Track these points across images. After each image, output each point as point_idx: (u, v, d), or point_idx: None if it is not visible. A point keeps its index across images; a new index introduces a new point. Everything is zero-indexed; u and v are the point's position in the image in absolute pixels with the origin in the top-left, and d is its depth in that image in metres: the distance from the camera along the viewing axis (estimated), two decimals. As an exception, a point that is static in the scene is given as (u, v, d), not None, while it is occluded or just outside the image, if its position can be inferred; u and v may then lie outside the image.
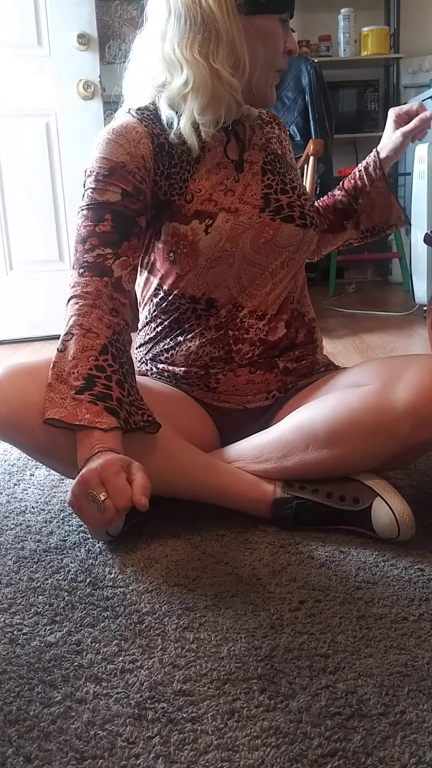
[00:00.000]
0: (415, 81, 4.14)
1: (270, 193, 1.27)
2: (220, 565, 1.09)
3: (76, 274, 1.16)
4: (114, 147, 1.18)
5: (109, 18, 3.95)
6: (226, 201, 1.23)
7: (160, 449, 1.13)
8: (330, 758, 0.71)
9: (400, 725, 0.75)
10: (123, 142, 1.18)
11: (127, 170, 1.17)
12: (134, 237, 1.19)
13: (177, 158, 1.22)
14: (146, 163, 1.18)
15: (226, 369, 1.27)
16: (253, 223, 1.23)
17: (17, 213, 3.05)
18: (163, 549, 1.15)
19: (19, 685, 0.83)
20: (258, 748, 0.73)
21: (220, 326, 1.27)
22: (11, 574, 1.09)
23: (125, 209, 1.17)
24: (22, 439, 1.10)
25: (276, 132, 1.39)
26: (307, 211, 1.30)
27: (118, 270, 1.16)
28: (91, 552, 1.15)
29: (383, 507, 1.11)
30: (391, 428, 1.07)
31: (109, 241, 1.16)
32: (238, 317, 1.26)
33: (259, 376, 1.27)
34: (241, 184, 1.26)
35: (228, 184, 1.25)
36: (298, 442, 1.14)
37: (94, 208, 1.17)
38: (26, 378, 1.09)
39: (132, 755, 0.72)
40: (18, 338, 3.14)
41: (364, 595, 1.00)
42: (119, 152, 1.17)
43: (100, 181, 1.17)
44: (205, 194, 1.23)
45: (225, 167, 1.26)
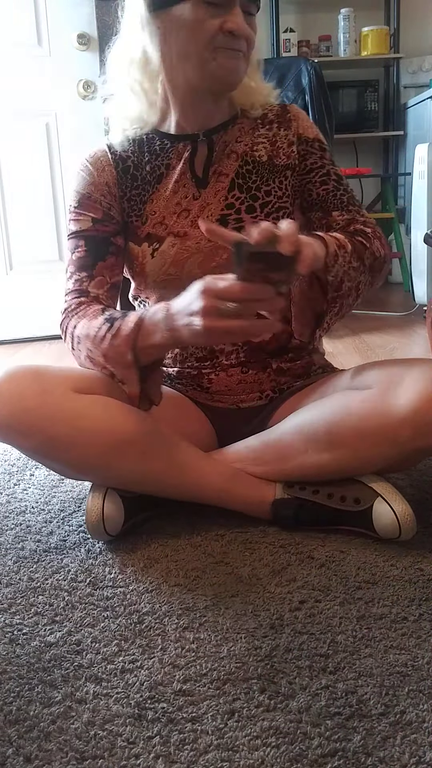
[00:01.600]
0: (415, 81, 4.14)
1: (229, 214, 1.23)
2: (220, 565, 1.09)
3: (63, 301, 1.24)
4: (80, 179, 1.26)
5: (109, 18, 3.95)
6: (177, 224, 1.23)
7: (160, 449, 1.13)
8: (330, 758, 0.71)
9: (400, 725, 0.75)
10: (86, 174, 1.26)
11: (93, 199, 1.24)
12: (110, 256, 1.24)
13: (141, 179, 1.25)
14: (111, 189, 1.25)
15: (217, 369, 1.26)
16: (202, 248, 1.22)
17: (17, 213, 3.05)
18: (163, 549, 1.15)
19: (19, 685, 0.83)
20: (258, 748, 0.73)
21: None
22: (11, 574, 1.09)
23: (97, 233, 1.24)
24: (21, 442, 1.10)
25: (272, 133, 1.28)
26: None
27: (94, 290, 1.23)
28: (91, 552, 1.15)
29: (384, 507, 1.11)
30: (392, 434, 1.06)
31: (84, 266, 1.23)
32: None
33: (251, 375, 1.26)
34: (199, 203, 1.23)
35: (185, 204, 1.24)
36: (298, 445, 1.14)
37: (71, 238, 1.25)
38: (27, 381, 1.09)
39: (132, 755, 0.72)
40: (18, 338, 3.14)
41: (364, 595, 1.00)
42: (84, 184, 1.25)
43: (72, 213, 1.26)
44: (158, 216, 1.24)
45: (184, 185, 1.24)
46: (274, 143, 1.27)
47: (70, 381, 1.10)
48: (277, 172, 1.26)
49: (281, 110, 1.30)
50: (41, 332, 3.11)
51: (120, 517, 1.15)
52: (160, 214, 1.24)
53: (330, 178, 1.26)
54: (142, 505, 1.20)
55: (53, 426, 1.07)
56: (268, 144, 1.27)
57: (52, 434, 1.07)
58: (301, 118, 1.29)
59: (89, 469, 1.14)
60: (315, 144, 1.28)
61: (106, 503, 1.14)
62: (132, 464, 1.12)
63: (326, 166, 1.27)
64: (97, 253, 1.23)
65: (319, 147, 1.28)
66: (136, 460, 1.12)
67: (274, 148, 1.27)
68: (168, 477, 1.15)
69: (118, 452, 1.10)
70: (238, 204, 1.23)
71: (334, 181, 1.26)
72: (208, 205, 1.23)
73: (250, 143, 1.27)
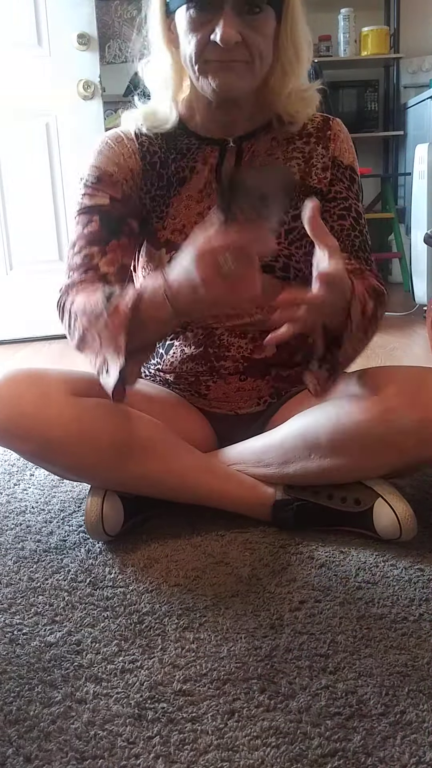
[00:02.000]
0: (415, 81, 4.14)
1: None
2: (220, 565, 1.09)
3: (66, 277, 1.16)
4: (103, 157, 1.19)
5: (109, 18, 3.95)
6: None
7: (159, 451, 1.13)
8: (330, 758, 0.71)
9: (400, 725, 0.75)
10: (112, 155, 1.18)
11: (115, 179, 1.17)
12: (124, 237, 1.17)
13: (166, 179, 1.19)
14: (134, 177, 1.18)
15: (215, 376, 1.25)
16: None
17: (17, 213, 3.05)
18: (163, 549, 1.15)
19: (19, 685, 0.83)
20: (258, 748, 0.73)
21: (199, 343, 1.23)
22: (11, 574, 1.09)
23: (113, 210, 1.16)
24: (19, 445, 1.11)
25: (308, 148, 1.19)
26: (294, 263, 1.17)
27: (104, 267, 1.14)
28: (91, 552, 1.15)
29: (385, 508, 1.11)
30: (395, 442, 1.05)
31: (96, 240, 1.15)
32: (215, 334, 1.22)
33: (249, 383, 1.24)
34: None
35: (208, 216, 1.14)
36: (300, 450, 1.12)
37: (84, 212, 1.17)
38: (25, 385, 1.09)
39: (132, 755, 0.72)
40: (18, 338, 3.14)
41: (364, 596, 1.00)
42: (108, 162, 1.18)
43: (89, 187, 1.17)
44: (179, 223, 1.18)
45: (209, 195, 1.18)
46: (309, 161, 1.19)
47: (68, 384, 1.10)
48: (307, 194, 1.17)
49: (323, 123, 1.21)
50: (41, 332, 3.11)
51: (119, 517, 1.15)
52: (181, 221, 1.18)
53: (350, 214, 1.19)
54: (141, 506, 1.19)
55: (51, 430, 1.07)
56: (303, 161, 1.19)
57: (50, 438, 1.07)
58: (341, 138, 1.21)
59: (88, 473, 1.14)
60: (347, 172, 1.20)
61: (106, 504, 1.13)
62: (130, 468, 1.12)
63: (350, 200, 1.20)
64: (112, 229, 1.15)
65: (350, 176, 1.21)
66: (134, 464, 1.12)
67: (308, 167, 1.19)
68: (167, 479, 1.15)
69: (116, 456, 1.10)
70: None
71: (353, 218, 1.19)
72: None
73: (283, 158, 1.19)
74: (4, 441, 1.11)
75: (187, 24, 1.06)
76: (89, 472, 1.14)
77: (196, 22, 1.05)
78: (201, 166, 1.19)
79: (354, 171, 1.21)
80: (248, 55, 1.05)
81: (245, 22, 1.04)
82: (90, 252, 1.14)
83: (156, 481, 1.14)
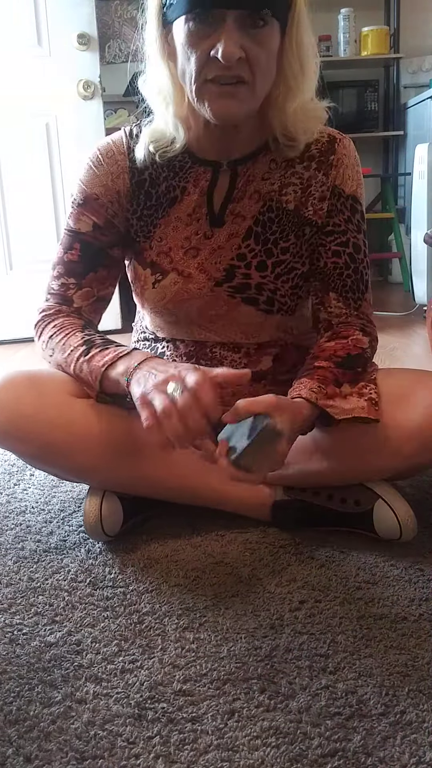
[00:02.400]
0: (415, 81, 4.14)
1: (238, 266, 1.12)
2: (220, 565, 1.09)
3: (44, 298, 1.19)
4: (92, 176, 1.15)
5: (109, 18, 3.95)
6: (182, 262, 1.14)
7: (158, 453, 1.12)
8: (330, 758, 0.71)
9: (400, 725, 0.75)
10: (101, 173, 1.14)
11: (100, 203, 1.14)
12: (102, 269, 1.17)
13: (155, 198, 1.14)
14: (120, 198, 1.14)
15: None
16: (203, 295, 1.14)
17: (17, 213, 3.05)
18: (163, 549, 1.15)
19: (19, 685, 0.83)
20: (258, 748, 0.73)
21: (190, 354, 1.21)
22: (11, 574, 1.09)
23: (95, 240, 1.16)
24: (19, 447, 1.11)
25: (308, 174, 1.11)
26: (279, 297, 1.13)
27: (79, 301, 1.17)
28: (91, 552, 1.15)
29: (385, 509, 1.11)
30: (396, 447, 1.05)
31: (74, 271, 1.16)
32: (206, 347, 1.21)
33: (245, 387, 1.21)
34: (211, 245, 1.12)
35: (195, 241, 1.13)
36: (301, 452, 1.12)
37: (68, 234, 1.17)
38: (24, 387, 1.09)
39: (132, 755, 0.72)
40: (18, 338, 3.13)
41: (364, 595, 1.00)
42: (94, 183, 1.15)
43: (75, 209, 1.16)
44: (165, 246, 1.14)
45: (198, 219, 1.13)
46: (307, 189, 1.12)
47: (67, 386, 1.10)
48: (300, 224, 1.12)
49: (328, 145, 1.11)
50: (41, 332, 3.11)
51: (118, 517, 1.15)
52: (167, 244, 1.14)
53: (345, 251, 1.12)
54: (140, 506, 1.19)
55: (50, 432, 1.07)
56: (300, 189, 1.12)
57: (49, 440, 1.07)
58: (345, 164, 1.12)
59: (87, 474, 1.14)
60: (348, 202, 1.12)
61: (104, 504, 1.13)
62: (129, 469, 1.12)
63: (348, 233, 1.12)
64: (90, 263, 1.16)
65: (351, 206, 1.12)
66: (133, 465, 1.12)
67: (305, 195, 1.12)
68: (166, 480, 1.14)
69: (116, 458, 1.10)
70: (250, 257, 1.12)
71: (348, 255, 1.12)
72: (219, 249, 1.13)
73: (279, 184, 1.11)
74: (3, 443, 1.11)
75: (186, 37, 0.97)
76: (89, 473, 1.14)
77: (195, 36, 0.96)
78: (192, 188, 1.12)
79: (356, 200, 1.13)
80: (249, 72, 0.97)
81: (248, 36, 0.95)
82: (67, 282, 1.17)
83: (156, 483, 1.14)
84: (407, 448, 1.05)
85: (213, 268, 1.13)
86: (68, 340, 1.11)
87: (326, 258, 1.13)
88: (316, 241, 1.14)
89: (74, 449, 1.08)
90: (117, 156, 1.15)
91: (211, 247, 1.13)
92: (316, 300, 1.17)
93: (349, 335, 1.12)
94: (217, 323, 1.18)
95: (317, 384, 1.03)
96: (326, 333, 1.15)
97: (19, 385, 1.09)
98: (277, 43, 0.99)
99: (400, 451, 1.06)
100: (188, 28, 0.96)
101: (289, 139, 1.09)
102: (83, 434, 1.07)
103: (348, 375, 1.07)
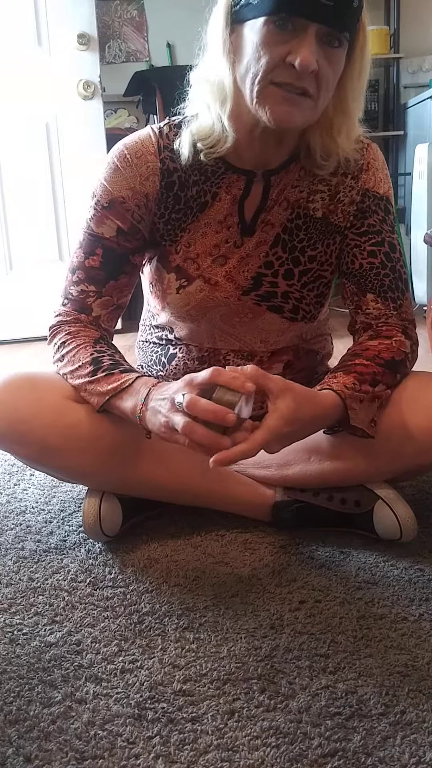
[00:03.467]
0: (415, 81, 4.14)
1: (266, 275, 1.13)
2: (220, 565, 1.09)
3: (60, 302, 1.16)
4: (118, 177, 1.11)
5: (109, 18, 3.95)
6: (210, 269, 1.13)
7: (158, 454, 1.13)
8: (330, 758, 0.71)
9: (400, 725, 0.75)
10: (129, 175, 1.10)
11: (126, 207, 1.11)
12: (123, 276, 1.14)
13: (184, 203, 1.11)
14: (148, 202, 1.11)
15: None
16: (230, 303, 1.14)
17: (17, 213, 3.05)
18: (163, 549, 1.15)
19: (19, 685, 0.83)
20: (258, 748, 0.73)
21: (203, 360, 1.21)
22: (11, 574, 1.09)
23: (118, 246, 1.12)
24: (17, 449, 1.11)
25: (336, 180, 1.11)
26: (304, 306, 1.15)
27: (98, 309, 1.14)
28: (91, 552, 1.15)
29: (385, 510, 1.11)
30: (397, 448, 1.05)
31: (94, 278, 1.13)
32: (220, 354, 1.21)
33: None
34: (240, 254, 1.12)
35: (224, 249, 1.12)
36: (301, 452, 1.12)
37: (89, 238, 1.13)
38: (22, 390, 1.09)
39: (132, 755, 0.72)
40: (18, 338, 3.13)
41: (364, 596, 1.00)
42: (122, 186, 1.10)
43: (99, 212, 1.12)
44: (193, 252, 1.13)
45: (229, 227, 1.12)
46: (335, 195, 1.12)
47: (66, 389, 1.09)
48: (329, 232, 1.13)
49: (361, 162, 1.12)
50: (41, 332, 3.09)
51: (117, 518, 1.15)
52: (195, 250, 1.13)
53: (381, 250, 1.12)
54: (140, 506, 1.19)
55: (48, 436, 1.07)
56: (328, 195, 1.12)
57: (47, 443, 1.07)
58: (376, 167, 1.12)
59: (85, 476, 1.14)
60: (382, 203, 1.12)
61: (103, 505, 1.13)
62: (129, 471, 1.12)
63: (383, 233, 1.12)
64: (112, 271, 1.13)
65: (385, 208, 1.12)
66: (133, 467, 1.12)
67: (333, 202, 1.12)
68: (166, 482, 1.14)
69: (115, 460, 1.10)
70: (277, 265, 1.13)
71: (384, 255, 1.12)
72: (248, 257, 1.12)
73: (307, 191, 1.11)
74: (2, 445, 1.11)
75: (262, 38, 0.95)
76: (87, 476, 1.13)
77: (273, 39, 0.95)
78: (224, 195, 1.11)
79: (389, 202, 1.13)
80: (316, 87, 0.96)
81: (323, 52, 0.95)
82: (87, 289, 1.13)
83: (155, 484, 1.14)
84: (408, 450, 1.05)
85: (240, 276, 1.13)
86: (78, 353, 1.09)
87: (361, 259, 1.12)
88: (350, 243, 1.13)
89: (72, 452, 1.08)
90: (147, 156, 1.10)
91: (240, 256, 1.13)
92: (352, 305, 1.15)
93: (391, 336, 1.10)
94: (239, 329, 1.18)
95: (353, 380, 1.01)
96: (366, 332, 1.13)
97: (17, 387, 1.09)
98: (342, 65, 1.00)
99: (401, 453, 1.06)
100: (267, 29, 0.95)
101: (325, 157, 1.08)
102: (81, 437, 1.07)
103: (387, 377, 1.05)
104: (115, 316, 1.18)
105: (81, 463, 1.09)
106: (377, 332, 1.11)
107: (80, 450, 1.08)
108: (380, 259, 1.12)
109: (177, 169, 1.10)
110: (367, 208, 1.12)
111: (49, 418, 1.07)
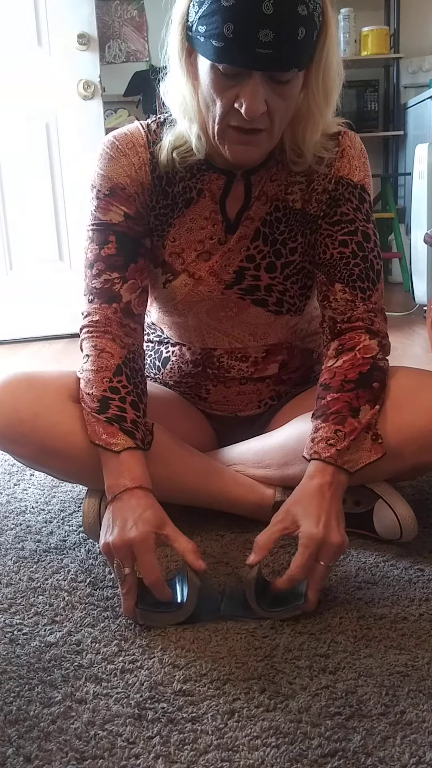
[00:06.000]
0: (415, 81, 4.14)
1: (248, 268, 1.13)
2: (220, 565, 1.09)
3: (86, 301, 1.12)
4: (114, 166, 1.11)
5: (109, 18, 3.95)
6: (194, 264, 1.14)
7: (157, 454, 1.12)
8: (330, 758, 0.71)
9: (400, 725, 0.75)
10: (124, 164, 1.11)
11: (128, 193, 1.11)
12: (140, 258, 1.12)
13: (171, 198, 1.12)
14: (144, 192, 1.12)
15: (215, 380, 1.25)
16: (213, 297, 1.15)
17: (17, 213, 3.05)
18: (163, 549, 1.14)
19: (19, 685, 0.83)
20: (258, 748, 0.73)
21: (197, 362, 1.22)
22: (11, 574, 1.09)
23: (129, 230, 1.11)
24: (17, 449, 1.10)
25: (311, 170, 1.10)
26: (288, 298, 1.15)
27: (127, 294, 1.11)
28: (91, 552, 1.15)
29: (385, 510, 1.10)
30: (397, 449, 1.05)
31: (115, 265, 1.10)
32: (214, 356, 1.21)
33: (250, 386, 1.24)
34: (223, 249, 1.13)
35: (208, 245, 1.13)
36: (301, 452, 1.12)
37: (98, 229, 1.11)
38: (22, 391, 1.09)
39: (132, 755, 0.72)
40: (18, 338, 3.13)
41: (364, 596, 1.00)
42: (119, 173, 1.11)
43: (102, 200, 1.11)
44: (178, 246, 1.14)
45: (213, 224, 1.13)
46: (310, 184, 1.11)
47: (66, 389, 1.09)
48: (308, 223, 1.12)
49: (332, 140, 1.10)
50: (41, 332, 3.11)
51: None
52: (180, 245, 1.14)
53: (353, 239, 1.10)
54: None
55: (47, 438, 1.07)
56: (305, 184, 1.11)
57: (46, 444, 1.07)
58: (351, 154, 1.11)
59: (84, 477, 1.14)
60: (356, 191, 1.10)
61: (103, 505, 1.13)
62: None
63: (357, 222, 1.10)
64: (130, 254, 1.11)
65: (359, 196, 1.11)
66: None
67: (308, 191, 1.11)
68: (166, 483, 1.14)
69: None
70: (259, 258, 1.13)
71: (356, 244, 1.10)
72: (229, 251, 1.13)
73: (285, 183, 1.12)
74: (2, 446, 1.11)
75: (211, 82, 0.96)
76: (86, 476, 1.13)
77: (221, 85, 0.95)
78: (207, 192, 1.12)
79: (364, 190, 1.12)
80: (269, 122, 0.97)
81: (272, 89, 0.95)
82: (111, 278, 1.10)
83: (155, 485, 1.14)
84: (407, 450, 1.05)
85: (223, 271, 1.14)
86: (95, 377, 1.05)
87: (332, 249, 1.11)
88: (323, 233, 1.11)
89: (72, 453, 1.08)
90: (137, 148, 1.11)
91: (224, 250, 1.14)
92: (320, 295, 1.14)
93: (355, 346, 1.08)
94: (226, 324, 1.18)
95: (334, 428, 1.00)
96: (332, 342, 1.11)
97: (17, 387, 1.09)
98: (299, 88, 0.99)
99: (401, 453, 1.06)
100: (215, 74, 0.95)
101: (298, 155, 1.08)
102: (81, 438, 1.07)
103: (364, 395, 1.03)
104: (144, 300, 1.14)
105: (82, 463, 1.09)
106: (342, 344, 1.09)
107: (81, 451, 1.07)
108: (351, 249, 1.10)
109: (167, 164, 1.11)
110: (340, 196, 1.10)
111: (50, 419, 1.07)
